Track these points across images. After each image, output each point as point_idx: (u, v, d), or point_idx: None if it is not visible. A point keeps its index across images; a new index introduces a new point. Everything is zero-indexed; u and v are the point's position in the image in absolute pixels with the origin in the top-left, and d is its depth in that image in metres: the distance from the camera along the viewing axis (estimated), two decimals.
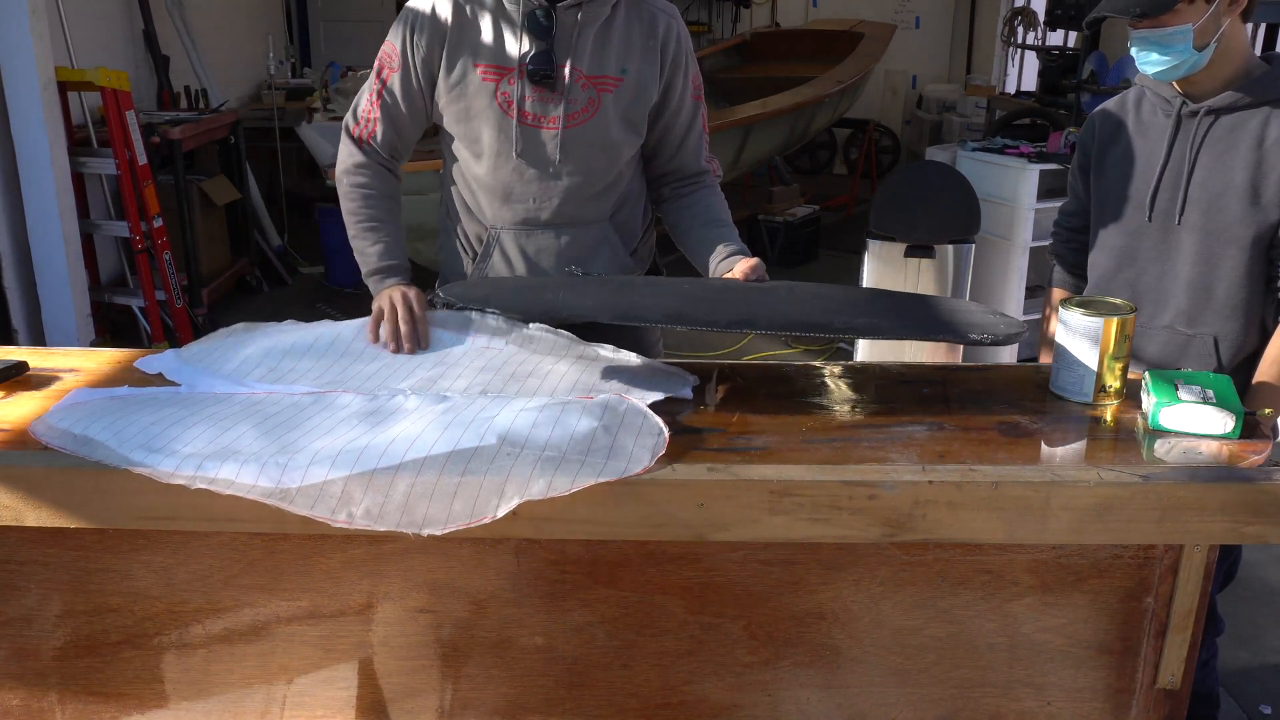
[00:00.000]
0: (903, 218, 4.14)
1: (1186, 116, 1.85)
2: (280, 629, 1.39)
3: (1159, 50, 1.78)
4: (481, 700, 1.43)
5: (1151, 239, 1.90)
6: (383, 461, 1.26)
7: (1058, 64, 7.63)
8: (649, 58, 1.85)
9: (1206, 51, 1.77)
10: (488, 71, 1.80)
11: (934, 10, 10.46)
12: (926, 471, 1.28)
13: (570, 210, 1.88)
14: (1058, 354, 1.53)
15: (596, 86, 1.81)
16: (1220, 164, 1.81)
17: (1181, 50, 1.76)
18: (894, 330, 1.63)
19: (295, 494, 1.23)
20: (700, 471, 1.28)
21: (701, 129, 1.97)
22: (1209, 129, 1.83)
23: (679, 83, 1.90)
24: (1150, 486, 1.27)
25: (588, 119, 1.82)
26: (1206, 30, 1.75)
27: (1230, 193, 1.79)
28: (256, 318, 1.77)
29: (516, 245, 1.89)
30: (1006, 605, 1.37)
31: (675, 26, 1.89)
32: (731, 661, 1.40)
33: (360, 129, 1.92)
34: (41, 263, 4.33)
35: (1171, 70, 1.80)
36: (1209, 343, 1.85)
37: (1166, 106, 1.89)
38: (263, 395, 1.46)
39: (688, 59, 1.91)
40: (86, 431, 1.32)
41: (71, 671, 1.42)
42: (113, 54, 5.43)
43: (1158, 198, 1.88)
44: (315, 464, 1.26)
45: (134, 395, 1.46)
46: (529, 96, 1.80)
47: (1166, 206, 1.87)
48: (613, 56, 1.82)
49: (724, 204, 2.01)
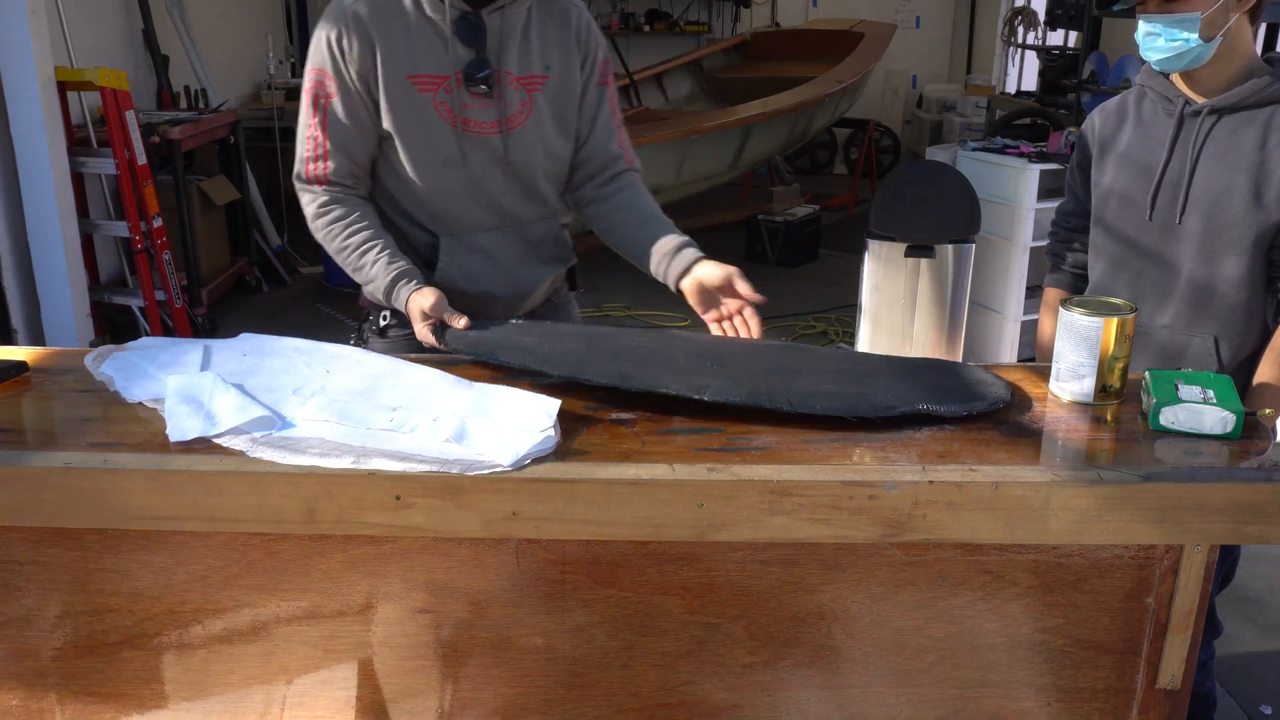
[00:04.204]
0: (903, 218, 4.14)
1: (1189, 116, 1.85)
2: (280, 629, 1.39)
3: (1166, 35, 1.78)
4: (481, 700, 1.43)
5: (1152, 238, 1.90)
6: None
7: (1058, 64, 7.65)
8: (567, 50, 1.87)
9: (1212, 44, 1.77)
10: (422, 81, 1.77)
11: (934, 10, 10.48)
12: (927, 472, 1.28)
13: (518, 209, 1.90)
14: (1058, 354, 1.53)
15: (526, 87, 1.82)
16: (1222, 164, 1.81)
17: (1188, 40, 1.76)
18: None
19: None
20: (700, 471, 1.28)
21: (609, 115, 1.96)
22: (1211, 129, 1.82)
23: (587, 68, 1.92)
24: (1150, 486, 1.27)
25: (524, 120, 1.83)
26: (1214, 22, 1.76)
27: (1232, 193, 1.79)
28: (256, 318, 1.78)
29: (466, 249, 1.88)
30: (1006, 605, 1.37)
31: (585, 16, 1.92)
32: (731, 662, 1.40)
33: (312, 171, 1.83)
34: (41, 263, 4.33)
35: (1175, 59, 1.79)
36: (1209, 343, 1.85)
37: (1169, 106, 1.88)
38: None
39: (598, 46, 1.93)
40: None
41: (71, 671, 1.42)
42: (112, 54, 5.43)
43: (1159, 197, 1.88)
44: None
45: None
46: (467, 104, 1.79)
47: (1167, 206, 1.87)
48: (536, 55, 1.84)
49: (650, 198, 1.99)
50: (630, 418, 1.44)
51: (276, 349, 1.61)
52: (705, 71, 8.63)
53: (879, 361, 1.62)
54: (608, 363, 1.50)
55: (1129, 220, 1.92)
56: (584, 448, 1.34)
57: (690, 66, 8.57)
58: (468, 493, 1.27)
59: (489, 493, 1.27)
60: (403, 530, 1.30)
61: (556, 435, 1.34)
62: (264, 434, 1.32)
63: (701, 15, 10.66)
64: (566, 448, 1.34)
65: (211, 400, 1.38)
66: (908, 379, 1.52)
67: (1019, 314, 4.62)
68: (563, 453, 1.32)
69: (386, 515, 1.28)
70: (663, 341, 1.62)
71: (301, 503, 1.28)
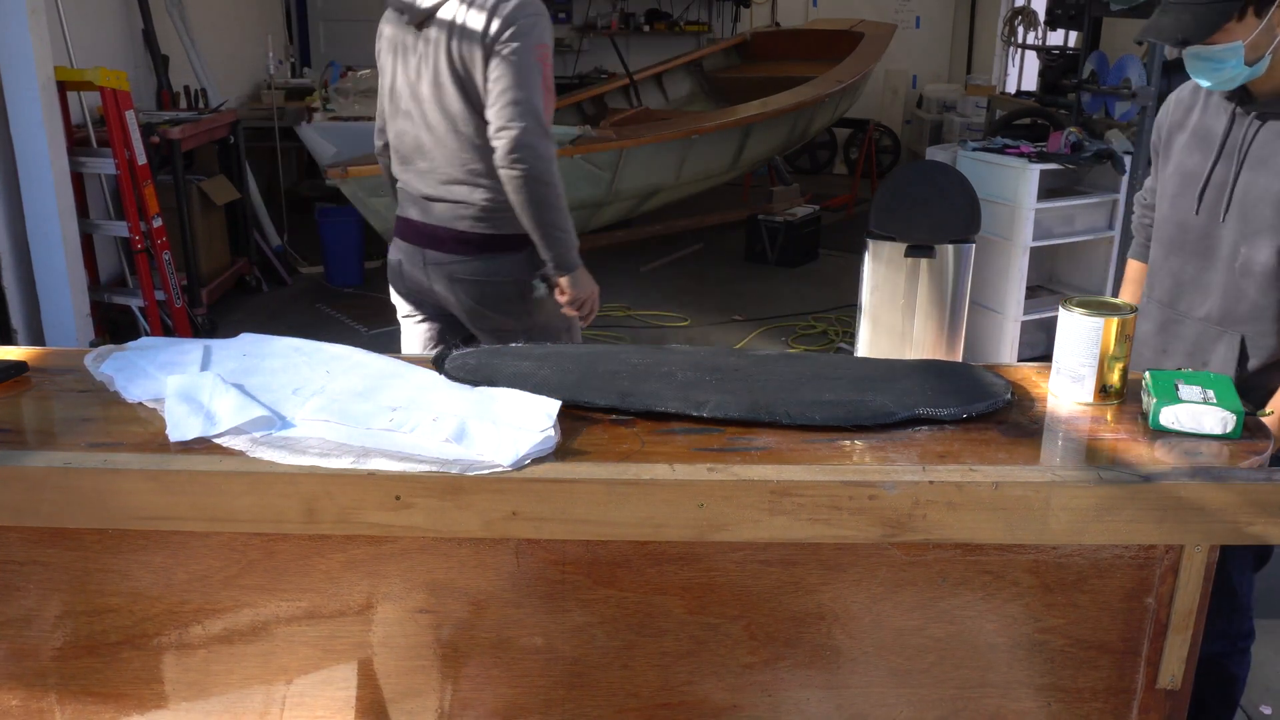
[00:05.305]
0: (903, 218, 4.14)
1: (1240, 116, 1.84)
2: (280, 629, 1.39)
3: (1212, 69, 1.76)
4: (481, 700, 1.43)
5: (1196, 232, 1.91)
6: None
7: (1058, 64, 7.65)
8: None
9: (1261, 64, 1.74)
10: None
11: (934, 10, 10.48)
12: (927, 472, 1.28)
13: None
14: (1058, 354, 1.53)
15: None
16: (1263, 168, 1.80)
17: (1234, 66, 1.74)
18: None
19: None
20: (700, 471, 1.28)
21: None
22: (1258, 132, 1.81)
23: None
24: (1150, 486, 1.27)
25: None
26: (1259, 45, 1.72)
27: (1267, 198, 1.79)
28: (256, 318, 1.78)
29: None
30: (1006, 605, 1.37)
31: None
32: (731, 662, 1.40)
33: (549, 119, 2.20)
34: (41, 263, 4.33)
35: (1226, 83, 1.78)
36: (1236, 340, 1.86)
37: (1225, 104, 1.88)
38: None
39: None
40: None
41: (71, 672, 1.42)
42: (112, 54, 5.43)
43: (1205, 194, 1.88)
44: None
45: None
46: None
47: (1213, 203, 1.87)
48: None
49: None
50: (630, 418, 1.44)
51: (276, 349, 1.61)
52: (705, 71, 8.63)
53: (878, 366, 1.62)
54: (606, 383, 1.51)
55: (1180, 211, 1.94)
56: (584, 448, 1.34)
57: (690, 66, 8.57)
58: (468, 493, 1.27)
59: (489, 493, 1.27)
60: (403, 530, 1.30)
61: (556, 435, 1.34)
62: (264, 434, 1.32)
63: (701, 15, 10.65)
64: (566, 448, 1.34)
65: (211, 400, 1.38)
66: (906, 383, 1.52)
67: (1019, 314, 4.62)
68: (563, 453, 1.32)
69: (386, 515, 1.28)
70: (661, 357, 1.62)
71: (301, 503, 1.28)
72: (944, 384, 1.52)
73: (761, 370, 1.57)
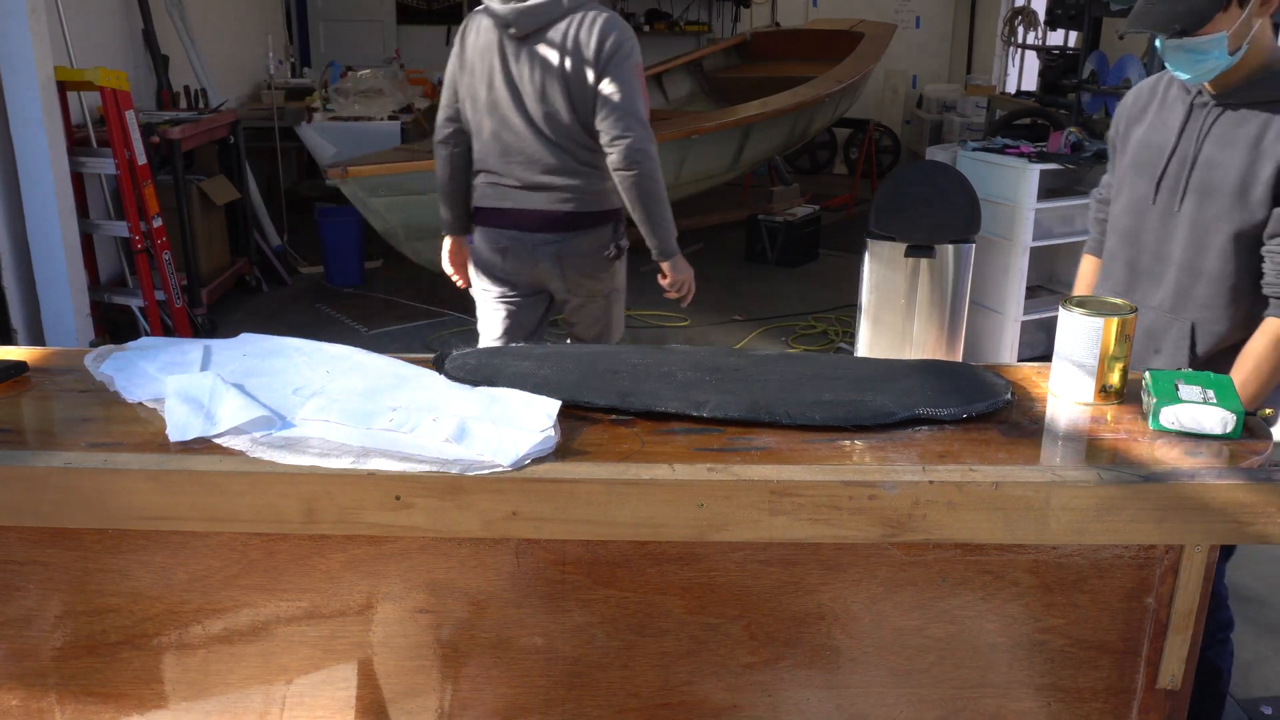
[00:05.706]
0: (903, 218, 4.14)
1: (1198, 106, 1.86)
2: (280, 629, 1.39)
3: (1195, 60, 1.77)
4: (481, 700, 1.43)
5: (1153, 222, 1.93)
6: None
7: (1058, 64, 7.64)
8: None
9: (1239, 53, 1.77)
10: None
11: (934, 10, 10.47)
12: (927, 471, 1.28)
13: None
14: (1058, 354, 1.53)
15: None
16: (1219, 157, 1.82)
17: (1218, 56, 1.76)
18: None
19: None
20: (700, 471, 1.28)
21: None
22: (1215, 120, 1.84)
23: None
24: (1150, 486, 1.27)
25: None
26: (1240, 34, 1.75)
27: (1222, 187, 1.81)
28: (256, 318, 1.78)
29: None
30: (1006, 605, 1.37)
31: None
32: (731, 662, 1.40)
33: (648, 119, 2.58)
34: (41, 263, 4.33)
35: (1205, 75, 1.80)
36: (1186, 328, 1.88)
37: (1184, 95, 1.90)
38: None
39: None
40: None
41: (71, 672, 1.42)
42: (112, 54, 5.43)
43: (1163, 183, 1.90)
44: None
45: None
46: None
47: (1170, 192, 1.89)
48: None
49: None
50: (630, 418, 1.44)
51: (276, 349, 1.61)
52: (705, 71, 8.63)
53: (878, 366, 1.62)
54: (606, 382, 1.51)
55: (1137, 201, 1.96)
56: (584, 448, 1.34)
57: (690, 66, 8.56)
58: (468, 493, 1.27)
59: (489, 493, 1.27)
60: (403, 530, 1.30)
61: (556, 435, 1.34)
62: (264, 434, 1.32)
63: (701, 15, 10.65)
64: (566, 448, 1.34)
65: (211, 400, 1.38)
66: (906, 383, 1.52)
67: (1019, 314, 4.62)
68: (563, 453, 1.32)
69: (386, 515, 1.28)
70: (661, 357, 1.62)
71: (301, 503, 1.28)
72: (944, 384, 1.52)
73: (761, 370, 1.57)
